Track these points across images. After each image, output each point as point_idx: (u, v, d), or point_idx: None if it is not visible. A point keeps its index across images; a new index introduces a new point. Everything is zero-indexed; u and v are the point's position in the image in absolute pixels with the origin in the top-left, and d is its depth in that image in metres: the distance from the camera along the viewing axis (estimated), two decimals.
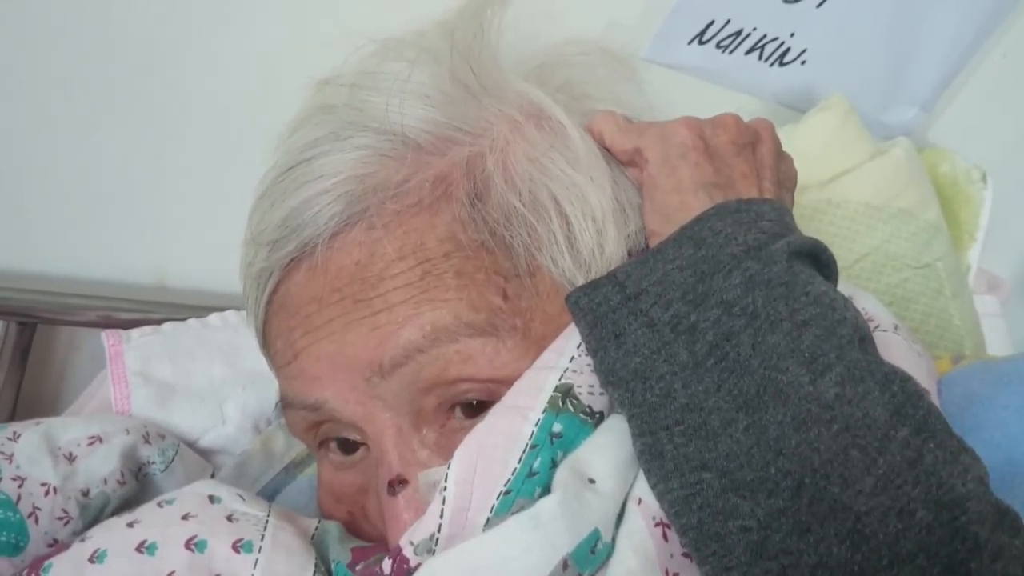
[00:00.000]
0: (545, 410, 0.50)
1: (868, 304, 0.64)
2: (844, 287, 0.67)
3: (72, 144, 0.82)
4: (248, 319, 0.63)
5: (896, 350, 0.59)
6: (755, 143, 0.61)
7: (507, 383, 0.53)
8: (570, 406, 0.50)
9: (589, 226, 0.57)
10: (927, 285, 0.85)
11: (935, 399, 0.58)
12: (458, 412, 0.54)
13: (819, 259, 0.55)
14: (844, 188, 0.84)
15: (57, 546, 0.56)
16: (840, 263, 0.82)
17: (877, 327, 0.62)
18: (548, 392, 0.51)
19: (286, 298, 0.58)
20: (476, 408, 0.53)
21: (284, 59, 0.69)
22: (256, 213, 0.60)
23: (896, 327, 0.62)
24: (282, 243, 0.57)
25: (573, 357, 0.52)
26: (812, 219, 0.84)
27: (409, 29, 0.62)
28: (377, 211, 0.55)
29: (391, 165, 0.56)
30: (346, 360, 0.54)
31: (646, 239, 0.59)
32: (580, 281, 0.56)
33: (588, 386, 0.52)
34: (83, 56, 0.79)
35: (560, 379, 0.51)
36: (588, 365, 0.52)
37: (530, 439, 0.49)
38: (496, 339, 0.53)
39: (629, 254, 0.58)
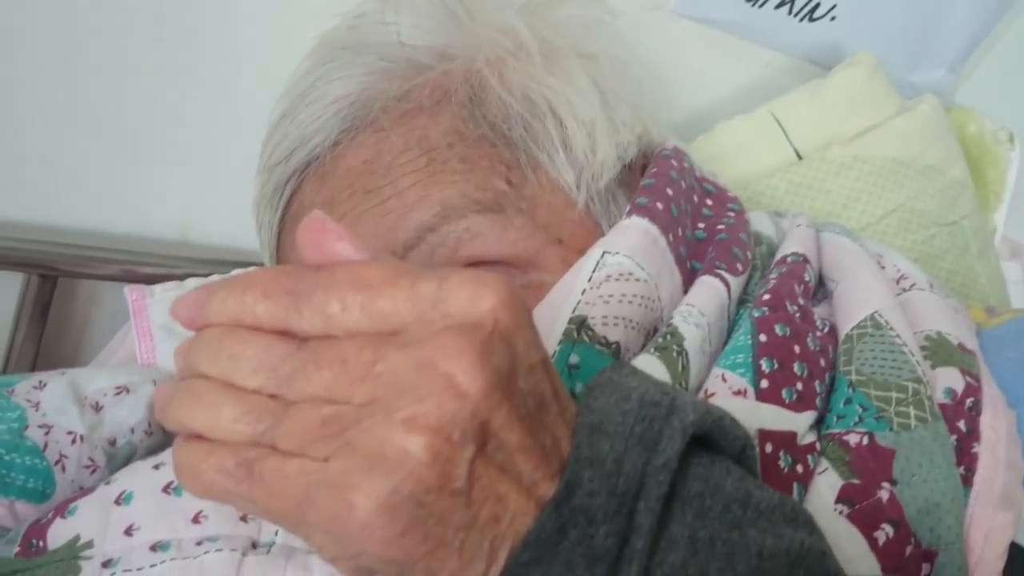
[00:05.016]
0: (561, 342, 0.50)
1: (901, 263, 0.64)
2: (873, 246, 0.67)
3: (97, 97, 0.82)
4: (263, 250, 0.66)
5: (933, 309, 0.60)
6: (482, 444, 0.34)
7: (517, 263, 0.55)
8: (586, 337, 0.51)
9: (580, 129, 0.60)
10: (953, 243, 0.84)
11: (978, 354, 0.57)
12: None
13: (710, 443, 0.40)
14: (870, 144, 0.83)
15: (82, 490, 0.56)
16: (866, 219, 0.83)
17: (913, 285, 0.62)
18: (563, 324, 0.51)
19: (299, 211, 0.61)
20: None
21: (311, 12, 0.69)
22: (268, 145, 0.64)
23: (932, 285, 0.62)
24: (292, 157, 0.61)
25: (585, 290, 0.53)
26: (838, 175, 0.83)
27: None
28: (380, 115, 0.59)
29: (392, 79, 0.60)
30: None
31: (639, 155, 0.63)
32: (573, 180, 0.59)
33: (602, 317, 0.52)
34: (109, 8, 0.78)
35: (574, 311, 0.52)
36: (599, 296, 0.53)
37: None
38: (503, 216, 0.56)
39: (620, 161, 0.61)
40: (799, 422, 0.50)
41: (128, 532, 0.51)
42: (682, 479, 0.37)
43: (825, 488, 0.48)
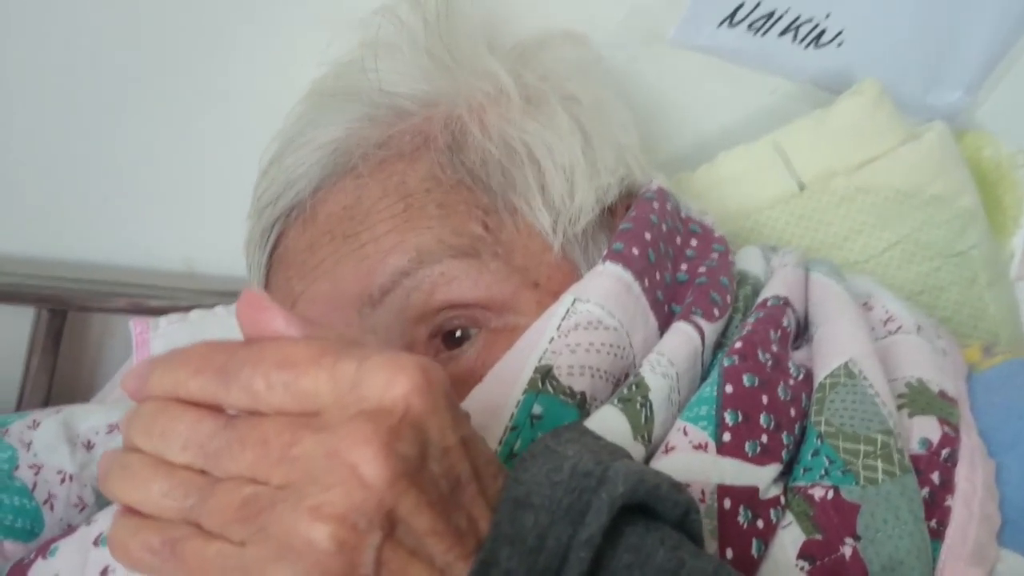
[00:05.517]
0: (525, 391, 0.50)
1: (890, 304, 0.64)
2: (864, 285, 0.66)
3: (101, 133, 0.83)
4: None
5: (917, 353, 0.59)
6: (390, 530, 0.34)
7: (491, 306, 0.56)
8: (550, 387, 0.51)
9: (559, 174, 0.60)
10: (960, 274, 0.82)
11: (961, 401, 0.56)
12: (440, 344, 0.57)
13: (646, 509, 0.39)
14: (874, 174, 0.82)
15: (65, 530, 0.58)
16: (868, 252, 0.82)
17: (900, 328, 0.61)
18: (528, 373, 0.51)
19: (284, 254, 0.63)
20: (459, 340, 0.56)
21: (309, 48, 0.70)
22: (258, 187, 0.66)
23: (919, 328, 0.61)
24: (278, 201, 0.62)
25: (552, 338, 0.53)
26: (840, 206, 0.81)
27: (386, 7, 0.68)
28: (360, 162, 0.60)
29: (375, 125, 0.62)
30: (339, 296, 0.58)
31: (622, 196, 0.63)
32: (550, 225, 0.59)
33: (568, 366, 0.52)
34: (110, 43, 0.80)
35: (540, 360, 0.52)
36: (567, 345, 0.53)
37: (510, 421, 0.49)
38: (478, 261, 0.57)
39: (600, 204, 0.61)
40: (761, 476, 0.50)
41: (104, 574, 0.52)
42: (612, 550, 0.36)
43: (788, 543, 0.48)
